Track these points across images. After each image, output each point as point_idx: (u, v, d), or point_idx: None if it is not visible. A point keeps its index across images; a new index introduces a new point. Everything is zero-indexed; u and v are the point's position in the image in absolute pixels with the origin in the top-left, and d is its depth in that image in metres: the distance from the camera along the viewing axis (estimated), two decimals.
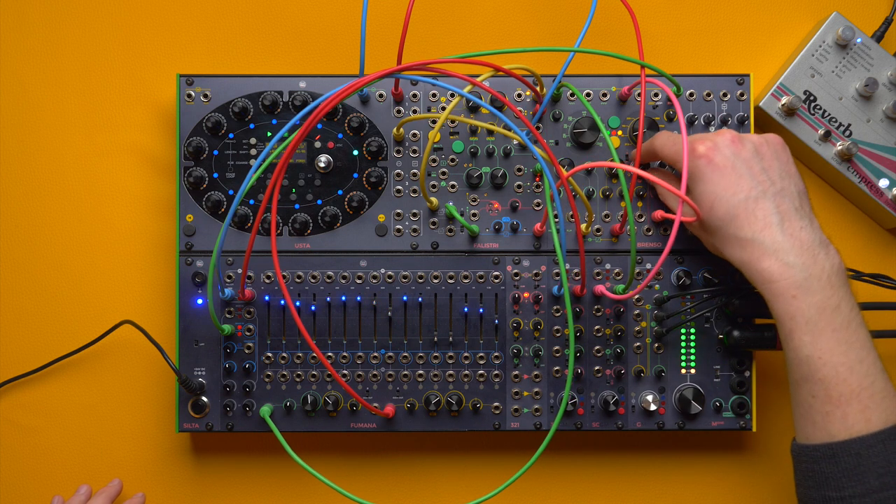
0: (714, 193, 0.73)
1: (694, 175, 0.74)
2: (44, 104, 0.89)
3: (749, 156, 0.74)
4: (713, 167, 0.73)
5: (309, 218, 0.85)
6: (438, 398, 0.84)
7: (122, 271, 0.89)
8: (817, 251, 0.71)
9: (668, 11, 0.91)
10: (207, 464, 0.89)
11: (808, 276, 0.69)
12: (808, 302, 0.69)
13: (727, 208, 0.73)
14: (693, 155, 0.74)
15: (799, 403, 0.72)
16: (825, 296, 0.69)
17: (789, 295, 0.70)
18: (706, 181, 0.74)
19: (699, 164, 0.74)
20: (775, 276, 0.70)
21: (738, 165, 0.73)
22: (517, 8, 0.90)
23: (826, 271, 0.70)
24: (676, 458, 0.90)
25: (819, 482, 0.70)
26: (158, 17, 0.90)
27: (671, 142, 0.77)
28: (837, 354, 0.69)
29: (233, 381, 0.84)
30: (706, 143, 0.74)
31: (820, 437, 0.70)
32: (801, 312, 0.70)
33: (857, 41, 0.86)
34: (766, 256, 0.71)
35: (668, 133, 0.79)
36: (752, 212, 0.72)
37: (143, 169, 0.89)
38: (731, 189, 0.73)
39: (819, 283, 0.69)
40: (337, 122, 0.85)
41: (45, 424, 0.89)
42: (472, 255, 0.85)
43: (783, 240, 0.71)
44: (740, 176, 0.73)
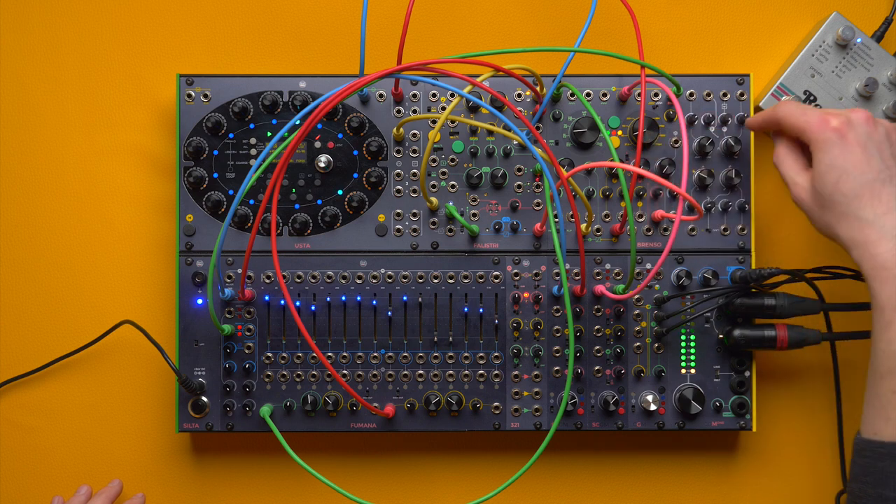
0: (843, 168, 0.72)
1: (823, 146, 0.73)
2: (44, 104, 0.89)
3: (881, 139, 0.73)
4: (845, 142, 0.72)
5: (309, 218, 0.85)
6: (438, 398, 0.84)
7: (122, 271, 0.89)
8: None
9: (668, 11, 0.91)
10: (207, 464, 0.89)
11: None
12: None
13: (853, 186, 0.71)
14: (826, 127, 0.73)
15: (877, 396, 0.70)
16: None
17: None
18: (836, 155, 0.72)
19: (831, 136, 0.72)
20: (889, 262, 0.69)
21: (870, 146, 0.72)
22: (517, 8, 0.90)
23: None
24: (676, 458, 0.90)
25: (878, 480, 0.68)
26: (158, 17, 0.90)
27: (800, 111, 0.75)
28: None
29: (233, 381, 0.84)
30: (840, 118, 0.73)
31: (891, 434, 0.69)
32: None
33: (857, 41, 0.86)
34: (884, 241, 0.70)
35: (797, 103, 0.77)
36: (877, 194, 0.71)
37: (143, 169, 0.89)
38: (861, 167, 0.71)
39: None
40: (337, 122, 0.85)
41: (45, 424, 0.89)
42: (472, 255, 0.85)
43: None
44: (871, 156, 0.72)
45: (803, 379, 0.90)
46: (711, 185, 0.85)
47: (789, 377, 0.90)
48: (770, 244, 0.89)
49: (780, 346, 0.82)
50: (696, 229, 0.85)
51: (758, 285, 0.83)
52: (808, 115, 0.75)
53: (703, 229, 0.85)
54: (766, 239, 0.89)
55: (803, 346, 0.83)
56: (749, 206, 0.85)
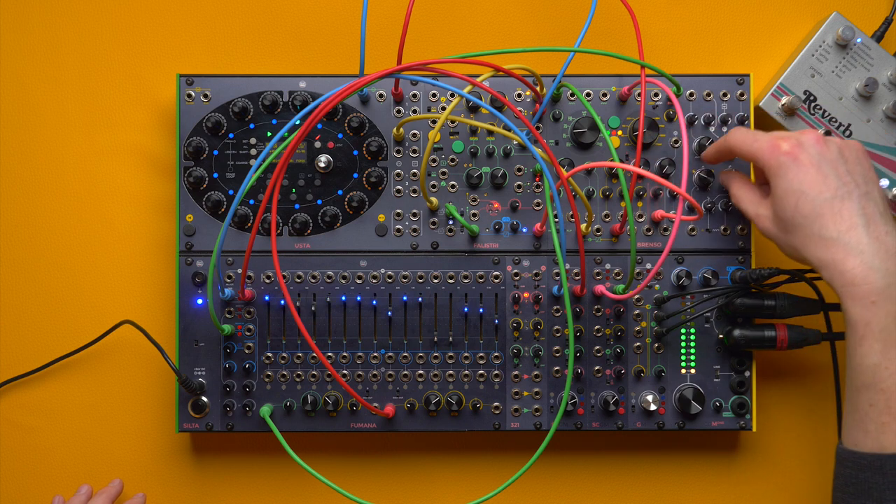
0: (800, 190, 0.72)
1: (777, 171, 0.73)
2: (44, 104, 0.89)
3: (834, 157, 0.73)
4: (798, 165, 0.72)
5: (309, 218, 0.85)
6: (438, 398, 0.84)
7: (122, 271, 0.89)
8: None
9: (668, 11, 0.91)
10: (207, 464, 0.89)
11: (890, 283, 0.68)
12: (886, 310, 0.68)
13: (813, 206, 0.71)
14: (777, 151, 0.73)
15: (855, 409, 0.71)
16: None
17: (869, 300, 0.68)
18: (790, 178, 0.73)
19: (783, 160, 0.73)
20: (858, 279, 0.69)
21: (824, 165, 0.72)
22: (517, 8, 0.90)
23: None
24: (676, 458, 0.90)
25: (860, 490, 0.69)
26: (158, 17, 0.90)
27: (751, 139, 0.76)
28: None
29: (233, 381, 0.84)
30: (790, 141, 0.73)
31: (870, 446, 0.69)
32: (878, 320, 0.68)
33: (857, 41, 0.86)
34: (851, 257, 0.69)
35: (744, 130, 0.77)
36: (837, 211, 0.71)
37: (143, 169, 0.89)
38: (818, 187, 0.71)
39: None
40: (337, 122, 0.85)
41: (45, 424, 0.89)
42: (472, 255, 0.85)
43: (868, 242, 0.69)
44: (826, 175, 0.72)
45: (803, 379, 0.90)
46: (711, 185, 0.85)
47: (789, 377, 0.90)
48: (770, 244, 0.89)
49: (780, 346, 0.82)
50: (696, 229, 0.85)
51: (758, 285, 0.83)
52: (759, 142, 0.75)
53: (703, 229, 0.85)
54: (766, 239, 0.89)
55: (803, 346, 0.83)
56: None
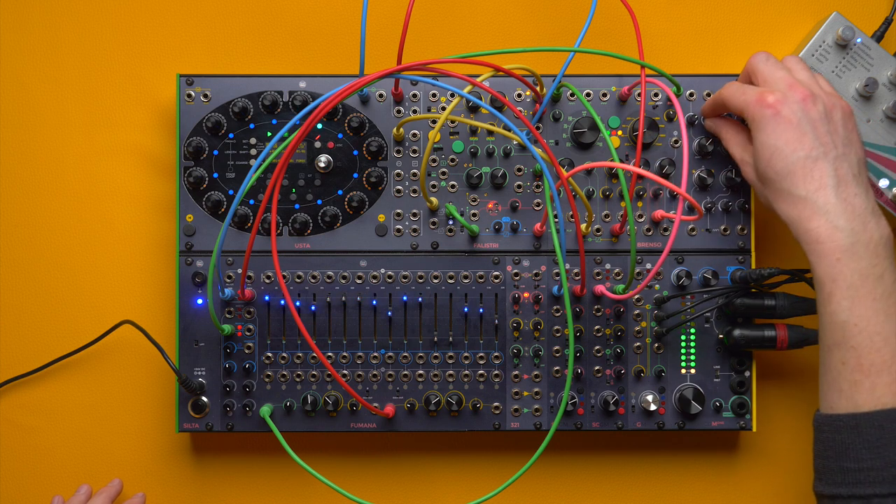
0: (774, 146, 0.73)
1: (759, 124, 0.74)
2: (44, 104, 0.89)
3: (817, 116, 0.73)
4: (778, 119, 0.73)
5: (309, 218, 0.85)
6: (438, 398, 0.84)
7: (122, 271, 0.89)
8: (868, 219, 0.70)
9: (668, 11, 0.91)
10: (207, 464, 0.89)
11: (855, 241, 0.69)
12: (851, 267, 0.69)
13: (785, 163, 0.72)
14: (761, 104, 0.73)
15: (828, 370, 0.71)
16: (870, 263, 0.69)
17: (834, 258, 0.70)
18: (768, 132, 0.73)
19: (765, 113, 0.73)
20: (823, 237, 0.70)
21: (804, 123, 0.73)
22: (517, 8, 0.90)
23: (874, 240, 0.70)
24: (676, 458, 0.90)
25: (838, 452, 0.70)
26: (158, 17, 0.90)
27: (740, 91, 0.76)
28: (875, 323, 0.69)
29: (233, 381, 0.84)
30: (776, 95, 0.74)
31: (845, 406, 0.70)
32: (844, 277, 0.69)
33: (857, 41, 0.86)
34: (816, 216, 0.71)
35: (738, 84, 0.78)
36: (809, 171, 0.72)
37: (143, 169, 0.89)
38: (792, 145, 0.72)
39: (865, 250, 0.69)
40: (337, 122, 0.85)
41: (45, 424, 0.89)
42: (472, 255, 0.85)
43: (836, 203, 0.70)
44: (804, 133, 0.72)
45: (803, 379, 0.90)
46: (711, 185, 0.85)
47: (789, 377, 0.90)
48: (770, 244, 0.89)
49: (780, 346, 0.82)
50: (696, 229, 0.85)
51: (758, 285, 0.83)
52: (746, 94, 0.76)
53: (703, 229, 0.85)
54: (766, 239, 0.89)
55: (803, 346, 0.83)
56: (749, 206, 0.85)
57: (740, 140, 0.80)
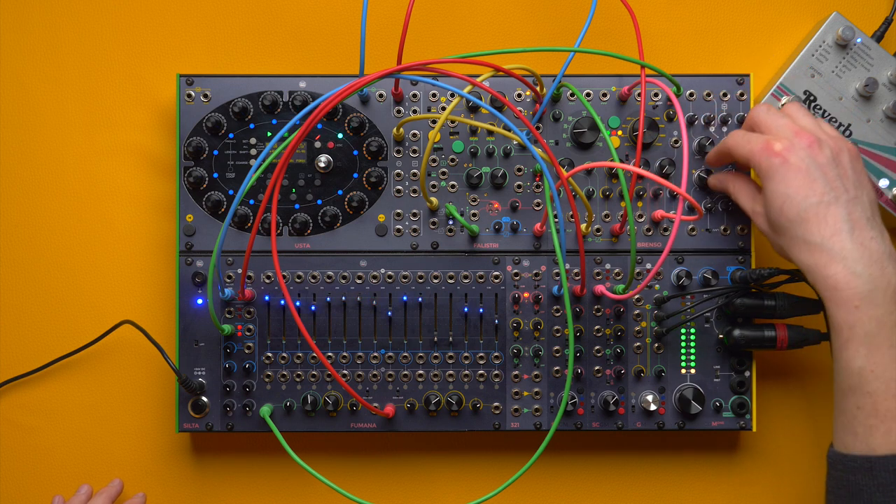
0: (786, 194, 0.72)
1: (767, 173, 0.73)
2: (44, 104, 0.89)
3: (825, 161, 0.72)
4: (787, 167, 0.72)
5: (309, 218, 0.85)
6: (438, 398, 0.84)
7: (122, 271, 0.89)
8: (886, 263, 0.70)
9: (668, 11, 0.91)
10: (207, 464, 0.89)
11: (873, 287, 0.69)
12: (869, 314, 0.68)
13: (798, 210, 0.72)
14: (768, 152, 0.73)
15: (843, 412, 0.71)
16: (888, 310, 0.68)
17: (852, 305, 0.69)
18: (778, 180, 0.73)
19: (773, 162, 0.73)
20: (841, 284, 0.69)
21: (813, 169, 0.72)
22: (517, 8, 0.90)
23: (892, 285, 0.69)
24: (676, 458, 0.90)
25: (852, 493, 0.70)
26: (158, 17, 0.90)
27: (745, 140, 0.76)
28: (891, 370, 0.68)
29: (233, 381, 0.84)
30: (783, 142, 0.73)
31: (860, 448, 0.70)
32: (862, 324, 0.69)
33: (857, 41, 0.86)
34: (834, 263, 0.70)
35: (742, 132, 0.77)
36: (822, 217, 0.71)
37: (143, 169, 0.89)
38: (804, 191, 0.72)
39: (884, 297, 0.69)
40: (337, 122, 0.85)
41: (45, 424, 0.89)
42: (472, 255, 0.85)
43: (852, 248, 0.70)
44: (814, 179, 0.72)
45: (803, 379, 0.90)
46: None
47: (789, 377, 0.90)
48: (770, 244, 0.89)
49: (780, 346, 0.82)
50: (696, 229, 0.85)
51: (758, 285, 0.83)
52: (752, 143, 0.75)
53: (703, 229, 0.85)
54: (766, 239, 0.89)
55: (803, 346, 0.83)
56: None
57: (749, 191, 0.79)
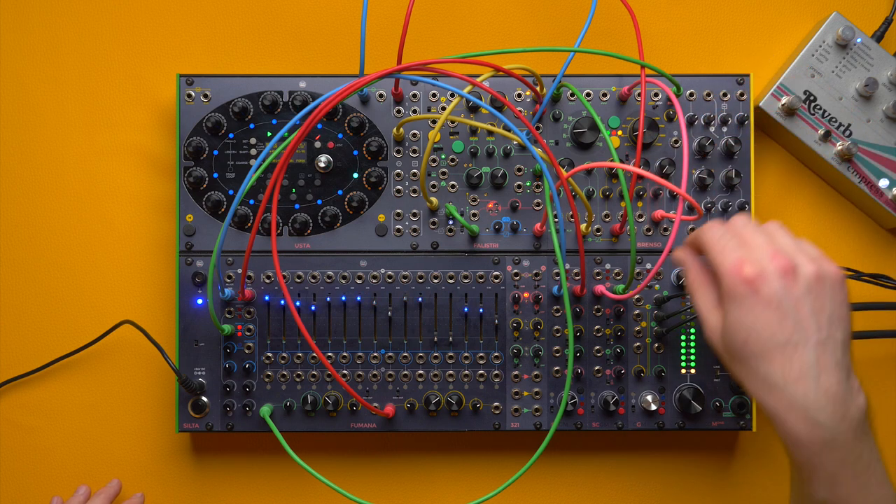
0: (752, 328, 0.65)
1: (733, 297, 0.65)
2: (44, 104, 0.89)
3: (800, 294, 0.65)
4: (757, 298, 0.64)
5: (309, 218, 0.85)
6: (438, 398, 0.84)
7: (122, 271, 0.89)
8: (849, 405, 0.65)
9: (668, 11, 0.91)
10: (207, 464, 0.89)
11: (834, 435, 0.64)
12: (831, 458, 0.65)
13: (763, 347, 0.65)
14: (738, 276, 0.65)
15: None
16: (849, 450, 0.65)
17: (813, 451, 0.65)
18: (745, 310, 0.65)
19: (742, 290, 0.65)
20: (801, 435, 0.65)
21: (785, 304, 0.64)
22: (517, 8, 0.90)
23: (854, 423, 0.65)
24: (676, 458, 0.90)
25: None
26: (158, 17, 0.90)
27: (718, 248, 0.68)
28: (855, 497, 0.66)
29: (233, 381, 0.84)
30: (755, 267, 0.65)
31: None
32: (824, 467, 0.65)
33: (857, 41, 0.86)
34: (794, 411, 0.64)
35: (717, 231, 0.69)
36: (789, 358, 0.64)
37: (143, 169, 0.89)
38: (771, 329, 0.64)
39: (845, 438, 0.65)
40: (337, 122, 0.85)
41: (45, 424, 0.89)
42: (472, 255, 0.85)
43: (816, 397, 0.64)
44: (784, 316, 0.64)
45: None
46: (711, 185, 0.85)
47: None
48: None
49: None
50: (696, 229, 0.85)
51: None
52: (723, 256, 0.67)
53: None
54: None
55: None
56: (749, 206, 0.85)
57: (710, 299, 0.70)
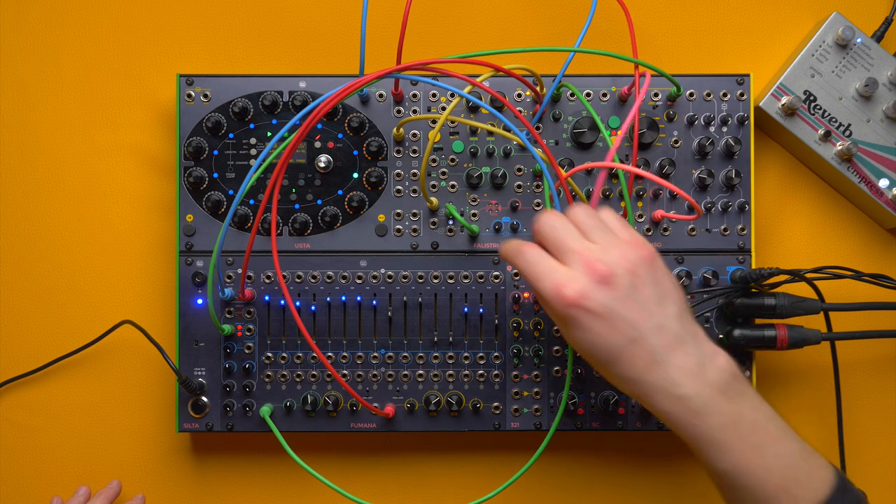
0: (591, 342, 0.67)
1: (563, 321, 0.68)
2: (44, 104, 0.89)
3: (624, 293, 0.67)
4: (585, 316, 0.66)
5: (309, 218, 0.85)
6: (438, 398, 0.84)
7: (122, 271, 0.89)
8: (706, 370, 0.67)
9: (668, 11, 0.91)
10: (207, 464, 0.89)
11: (702, 402, 0.67)
12: (708, 424, 0.67)
13: (608, 355, 0.67)
14: (562, 301, 0.67)
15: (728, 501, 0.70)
16: (723, 413, 0.67)
17: (689, 424, 0.67)
18: (578, 329, 0.67)
19: (571, 312, 0.67)
20: (668, 410, 0.67)
21: (614, 308, 0.66)
22: (517, 8, 0.90)
23: (718, 387, 0.67)
24: (676, 458, 0.90)
25: None
26: (158, 17, 0.90)
27: (534, 275, 0.69)
28: (753, 459, 0.67)
29: (233, 381, 0.84)
30: (574, 287, 0.66)
31: None
32: (705, 435, 0.67)
33: (857, 41, 0.86)
34: (657, 393, 0.67)
35: (537, 258, 0.69)
36: (633, 354, 0.67)
37: (143, 169, 0.89)
38: (608, 335, 0.67)
39: (714, 404, 0.67)
40: (337, 122, 0.85)
41: (45, 424, 0.89)
42: (472, 255, 0.85)
43: (670, 374, 0.67)
44: (615, 320, 0.67)
45: (803, 379, 0.90)
46: (711, 185, 0.85)
47: (789, 377, 0.90)
48: (770, 244, 0.89)
49: (780, 346, 0.82)
50: (695, 229, 0.85)
51: (758, 285, 0.83)
52: (541, 283, 0.68)
53: (703, 229, 0.85)
54: (766, 239, 0.89)
55: (803, 346, 0.83)
56: (749, 206, 0.85)
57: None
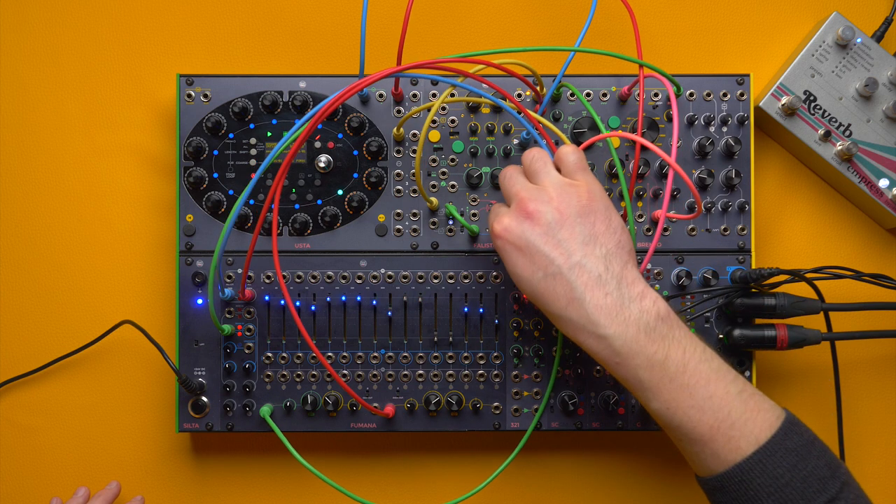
0: (517, 274, 0.71)
1: (499, 254, 0.73)
2: (44, 104, 0.89)
3: (543, 229, 0.70)
4: (511, 247, 0.71)
5: (309, 218, 0.85)
6: (438, 398, 0.84)
7: (122, 271, 0.89)
8: (629, 311, 0.68)
9: (668, 11, 0.91)
10: (207, 464, 0.89)
11: (624, 341, 0.67)
12: (633, 364, 0.68)
13: (531, 288, 0.71)
14: (491, 233, 0.72)
15: (675, 444, 0.71)
16: (648, 353, 0.67)
17: (613, 363, 0.68)
18: (507, 261, 0.72)
19: (498, 244, 0.72)
20: (594, 349, 0.69)
21: (532, 242, 0.70)
22: (517, 8, 0.90)
23: (642, 328, 0.67)
24: (676, 457, 0.90)
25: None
26: (158, 17, 0.90)
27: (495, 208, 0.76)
28: (683, 400, 0.67)
29: (233, 381, 0.84)
30: (501, 223, 0.71)
31: (704, 471, 0.69)
32: (631, 375, 0.68)
33: (857, 41, 0.86)
34: (580, 331, 0.69)
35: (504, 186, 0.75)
36: (552, 289, 0.69)
37: (143, 169, 0.89)
38: (529, 269, 0.70)
39: (638, 344, 0.67)
40: (337, 122, 0.85)
41: (45, 424, 0.89)
42: (472, 255, 0.85)
43: (590, 312, 0.68)
44: (534, 254, 0.70)
45: (803, 379, 0.90)
46: (711, 185, 0.85)
47: (789, 377, 0.90)
48: (770, 244, 0.89)
49: (780, 346, 0.82)
50: (696, 229, 0.85)
51: (758, 285, 0.83)
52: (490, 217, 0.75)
53: (702, 229, 0.85)
54: (766, 239, 0.89)
55: (803, 346, 0.83)
56: (749, 206, 0.85)
57: None
